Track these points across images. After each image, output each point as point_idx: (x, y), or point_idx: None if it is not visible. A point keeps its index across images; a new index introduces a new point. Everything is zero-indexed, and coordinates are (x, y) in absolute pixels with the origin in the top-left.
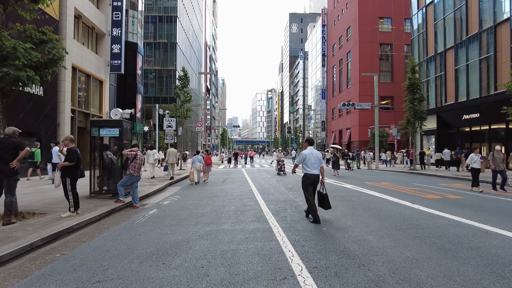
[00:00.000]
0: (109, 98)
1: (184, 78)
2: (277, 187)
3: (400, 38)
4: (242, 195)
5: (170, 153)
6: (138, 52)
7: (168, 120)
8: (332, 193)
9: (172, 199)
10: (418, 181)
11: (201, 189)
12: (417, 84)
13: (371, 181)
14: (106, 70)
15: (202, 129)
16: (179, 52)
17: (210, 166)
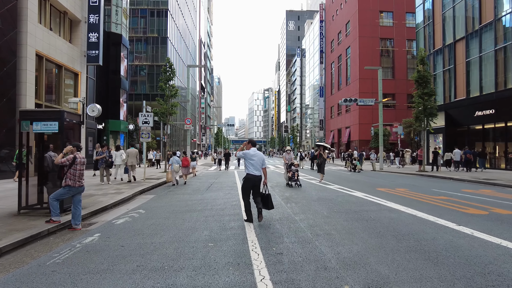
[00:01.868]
0: (86, 93)
1: (169, 71)
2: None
3: (402, 32)
4: (225, 210)
5: (130, 154)
6: (122, 44)
7: (144, 116)
8: (344, 206)
9: (133, 214)
10: (436, 186)
11: (177, 198)
12: (427, 77)
13: (384, 187)
14: (82, 61)
15: (191, 127)
16: (171, 47)
17: (188, 168)
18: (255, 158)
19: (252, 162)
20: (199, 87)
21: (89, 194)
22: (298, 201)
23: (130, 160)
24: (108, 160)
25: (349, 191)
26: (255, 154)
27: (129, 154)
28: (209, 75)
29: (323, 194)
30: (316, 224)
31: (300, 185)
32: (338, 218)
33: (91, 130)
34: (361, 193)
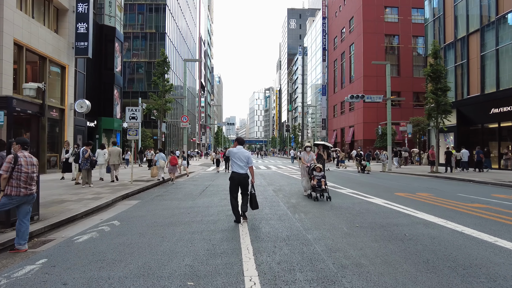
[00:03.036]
0: (74, 88)
1: (163, 64)
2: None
3: (408, 29)
4: (218, 222)
5: (112, 153)
6: (116, 37)
7: (132, 111)
8: (365, 218)
9: (103, 227)
10: (459, 190)
11: (163, 205)
12: (441, 71)
13: (402, 191)
14: (70, 54)
15: (188, 125)
16: (169, 44)
17: (175, 167)
18: (238, 156)
19: (236, 160)
20: (198, 85)
21: (61, 200)
22: (308, 211)
23: (112, 159)
24: (93, 160)
25: (365, 196)
26: (238, 152)
27: (111, 153)
28: (209, 73)
29: (336, 201)
30: (337, 246)
31: (329, 197)
32: (363, 237)
33: (81, 128)
34: (380, 200)
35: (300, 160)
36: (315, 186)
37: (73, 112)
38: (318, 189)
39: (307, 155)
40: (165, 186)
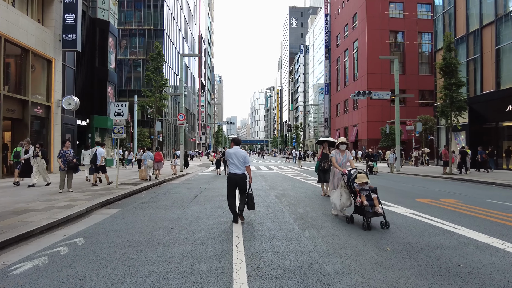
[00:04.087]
0: (62, 83)
1: (158, 57)
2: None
3: (413, 25)
4: (207, 242)
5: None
6: (110, 32)
7: (117, 106)
8: (395, 236)
9: (59, 249)
10: (487, 195)
11: (146, 215)
12: (455, 65)
13: (423, 197)
14: (57, 47)
15: (185, 123)
16: (167, 41)
17: (160, 163)
18: (234, 156)
19: (232, 160)
20: (198, 84)
21: (24, 210)
22: (320, 225)
23: None
24: (73, 162)
25: (383, 204)
26: (235, 152)
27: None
28: (209, 72)
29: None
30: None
31: (387, 223)
32: (403, 269)
33: (70, 127)
34: (403, 209)
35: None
36: (363, 207)
37: (60, 109)
38: (369, 213)
39: (341, 155)
40: (155, 190)
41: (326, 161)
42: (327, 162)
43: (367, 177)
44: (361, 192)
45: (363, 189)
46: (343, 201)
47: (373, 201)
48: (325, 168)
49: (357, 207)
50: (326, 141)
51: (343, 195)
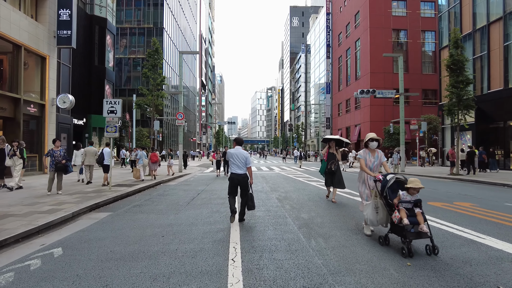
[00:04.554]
0: (57, 81)
1: (155, 54)
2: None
3: (416, 23)
4: (199, 255)
5: (87, 153)
6: (108, 29)
7: (110, 103)
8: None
9: (34, 261)
10: (501, 197)
11: (136, 221)
12: (462, 62)
13: (435, 200)
14: (51, 43)
15: (183, 122)
16: (167, 40)
17: (156, 163)
18: (236, 157)
19: (233, 160)
20: (199, 84)
21: (3, 215)
22: (328, 234)
23: (88, 159)
24: (62, 162)
25: None
26: (236, 153)
27: (87, 153)
28: (210, 72)
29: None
30: None
31: (436, 248)
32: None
33: (65, 126)
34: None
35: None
36: (403, 225)
37: (55, 108)
38: (411, 233)
39: (371, 156)
40: (150, 192)
41: (333, 162)
42: (335, 163)
43: (404, 184)
44: (399, 206)
45: (403, 201)
46: (381, 217)
47: (416, 218)
48: (332, 170)
49: (395, 225)
50: (333, 140)
51: (380, 208)
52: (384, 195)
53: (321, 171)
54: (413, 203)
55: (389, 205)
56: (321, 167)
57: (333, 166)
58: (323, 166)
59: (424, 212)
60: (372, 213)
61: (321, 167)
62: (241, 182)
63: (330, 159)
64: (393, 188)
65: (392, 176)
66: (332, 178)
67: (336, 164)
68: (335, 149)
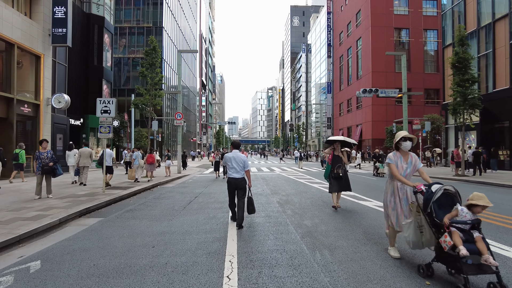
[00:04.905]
0: (52, 81)
1: (153, 53)
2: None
3: (418, 22)
4: (190, 272)
5: (82, 154)
6: (105, 28)
7: (104, 103)
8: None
9: (5, 278)
10: None
11: (127, 228)
12: (468, 60)
13: None
14: (46, 42)
15: (182, 122)
16: (167, 39)
17: (152, 165)
18: (234, 161)
19: (230, 164)
20: (199, 84)
21: None
22: (334, 244)
23: (82, 160)
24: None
25: None
26: (234, 157)
27: (81, 154)
28: (210, 72)
29: (369, 223)
30: None
31: None
32: None
33: (61, 126)
34: None
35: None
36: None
37: (50, 108)
38: (470, 267)
39: (404, 160)
40: (145, 195)
41: (339, 166)
42: (341, 167)
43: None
44: (452, 227)
45: (458, 221)
46: (427, 238)
47: (476, 245)
48: (339, 174)
49: (443, 252)
50: (338, 141)
51: (425, 227)
52: (428, 211)
53: (325, 176)
54: (471, 225)
55: (435, 225)
56: (326, 172)
57: (340, 170)
58: (327, 170)
59: None
60: (416, 233)
61: (326, 172)
62: (238, 186)
63: (335, 163)
64: (441, 203)
65: (438, 186)
66: (339, 184)
67: (343, 168)
68: (340, 151)
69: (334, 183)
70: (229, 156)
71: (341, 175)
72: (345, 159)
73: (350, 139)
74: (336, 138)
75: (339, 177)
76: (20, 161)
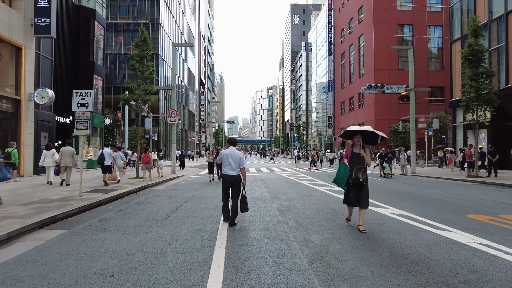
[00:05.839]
0: (36, 74)
1: (144, 45)
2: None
3: (422, 18)
4: None
5: (63, 153)
6: (96, 21)
7: (81, 95)
8: None
9: None
10: None
11: (88, 247)
12: (483, 52)
13: (475, 212)
14: (28, 32)
15: (176, 120)
16: (163, 35)
17: (149, 164)
18: (230, 157)
19: (226, 161)
20: (198, 82)
21: None
22: (355, 275)
23: (64, 160)
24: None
25: (430, 225)
26: (230, 154)
27: (63, 154)
28: (209, 71)
29: (392, 238)
30: None
31: None
32: None
33: (46, 124)
34: (464, 234)
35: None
36: None
37: (33, 104)
38: None
39: None
40: (129, 200)
41: (360, 168)
42: (363, 170)
43: None
44: None
45: None
46: None
47: None
48: (359, 180)
49: None
50: (360, 133)
51: None
52: None
53: (337, 181)
54: None
55: None
56: (340, 175)
57: (361, 174)
58: (343, 173)
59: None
60: None
61: (340, 175)
62: (233, 183)
63: (355, 163)
64: None
65: None
66: (358, 194)
67: (365, 171)
68: (361, 148)
69: (352, 193)
70: (225, 153)
71: (361, 180)
72: (368, 159)
73: (379, 132)
74: (357, 128)
75: (359, 184)
76: (13, 160)
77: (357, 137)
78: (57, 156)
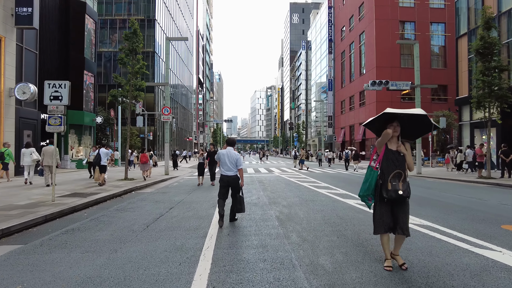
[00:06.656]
0: (19, 69)
1: (133, 37)
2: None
3: (425, 14)
4: None
5: (45, 153)
6: (87, 15)
7: (54, 87)
8: None
9: None
10: None
11: (28, 275)
12: (495, 45)
13: (506, 222)
14: (8, 22)
15: (170, 118)
16: (159, 32)
17: (147, 164)
18: (227, 158)
19: (223, 161)
20: (196, 81)
21: None
22: None
23: (46, 160)
24: None
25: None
26: (227, 154)
27: (45, 153)
28: (208, 70)
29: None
30: None
31: None
32: None
33: (29, 122)
34: (509, 253)
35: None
36: None
37: (14, 100)
38: None
39: None
40: (109, 206)
41: (399, 174)
42: (402, 177)
43: None
44: None
45: None
46: None
47: None
48: (398, 193)
49: None
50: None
51: None
52: None
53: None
54: None
55: None
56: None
57: (401, 184)
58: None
59: None
60: None
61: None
62: (231, 184)
63: (390, 167)
64: None
65: None
66: (397, 213)
67: (406, 179)
68: (399, 142)
69: (385, 211)
70: (223, 153)
71: (401, 193)
72: (410, 159)
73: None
74: (396, 111)
75: (399, 198)
76: (6, 160)
77: (395, 125)
78: (35, 156)
